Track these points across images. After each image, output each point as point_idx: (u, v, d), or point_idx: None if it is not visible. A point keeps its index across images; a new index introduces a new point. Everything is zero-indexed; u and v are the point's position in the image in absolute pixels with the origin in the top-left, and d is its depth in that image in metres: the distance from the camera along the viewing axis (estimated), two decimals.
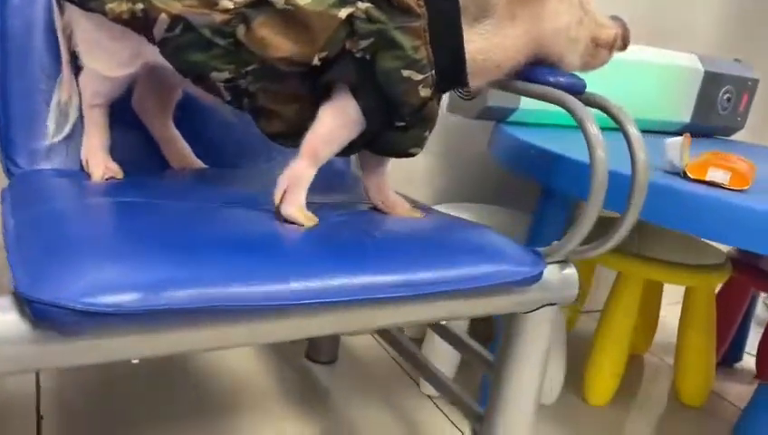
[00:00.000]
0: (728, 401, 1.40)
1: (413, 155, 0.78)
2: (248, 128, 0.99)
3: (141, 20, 0.69)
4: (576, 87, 0.75)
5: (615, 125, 0.73)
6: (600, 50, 0.76)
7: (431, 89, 0.71)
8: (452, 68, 0.72)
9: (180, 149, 0.91)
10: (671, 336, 1.42)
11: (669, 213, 0.84)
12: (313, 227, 0.71)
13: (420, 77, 0.69)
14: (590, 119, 0.71)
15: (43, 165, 0.83)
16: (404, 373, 1.29)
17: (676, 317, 1.33)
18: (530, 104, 1.14)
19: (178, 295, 0.53)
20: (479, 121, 1.35)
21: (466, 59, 0.72)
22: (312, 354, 1.29)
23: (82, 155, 0.82)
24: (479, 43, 0.72)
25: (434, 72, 0.70)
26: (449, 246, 0.73)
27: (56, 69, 0.83)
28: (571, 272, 0.79)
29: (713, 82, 1.39)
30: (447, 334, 1.00)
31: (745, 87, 1.45)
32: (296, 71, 0.70)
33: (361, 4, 0.68)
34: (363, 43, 0.68)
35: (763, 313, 1.85)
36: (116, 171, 0.81)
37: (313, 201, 0.82)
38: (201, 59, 0.69)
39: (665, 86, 1.34)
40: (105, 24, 0.72)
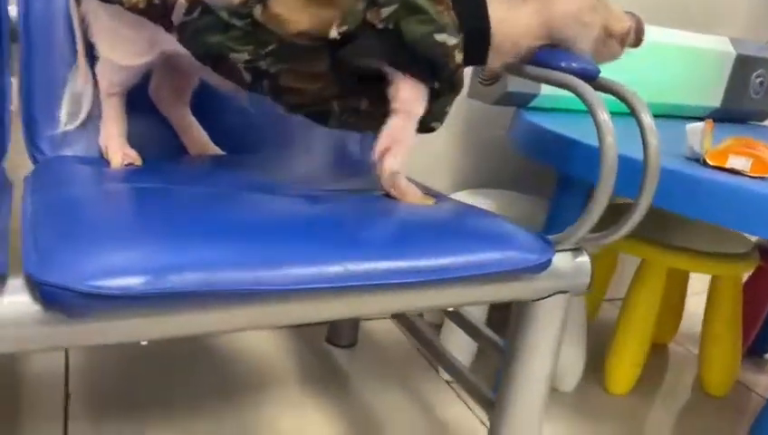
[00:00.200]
0: (755, 392, 1.37)
1: (434, 129, 0.78)
2: (266, 115, 1.01)
3: (158, 7, 0.70)
4: (588, 72, 0.74)
5: None
6: (612, 41, 0.75)
7: (462, 54, 0.71)
8: (477, 34, 0.71)
9: (198, 136, 0.93)
10: (697, 325, 1.40)
11: (687, 201, 0.82)
12: (326, 213, 0.71)
13: (455, 41, 0.69)
14: (600, 104, 0.70)
15: (66, 151, 0.86)
16: (423, 358, 1.30)
17: (702, 306, 1.30)
18: (551, 90, 1.12)
19: (185, 279, 0.54)
20: (500, 108, 1.33)
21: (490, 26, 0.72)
22: (333, 338, 1.31)
23: (101, 142, 0.84)
24: (499, 13, 0.72)
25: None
26: (458, 233, 0.72)
27: (76, 58, 0.85)
28: (583, 260, 0.78)
29: (745, 65, 1.35)
30: (463, 322, 1.00)
31: None
32: (316, 45, 0.70)
33: None
34: (385, 12, 0.67)
35: None
36: (134, 158, 0.83)
37: (327, 188, 0.83)
38: (219, 40, 0.70)
39: (695, 70, 1.30)
40: (121, 14, 0.73)
